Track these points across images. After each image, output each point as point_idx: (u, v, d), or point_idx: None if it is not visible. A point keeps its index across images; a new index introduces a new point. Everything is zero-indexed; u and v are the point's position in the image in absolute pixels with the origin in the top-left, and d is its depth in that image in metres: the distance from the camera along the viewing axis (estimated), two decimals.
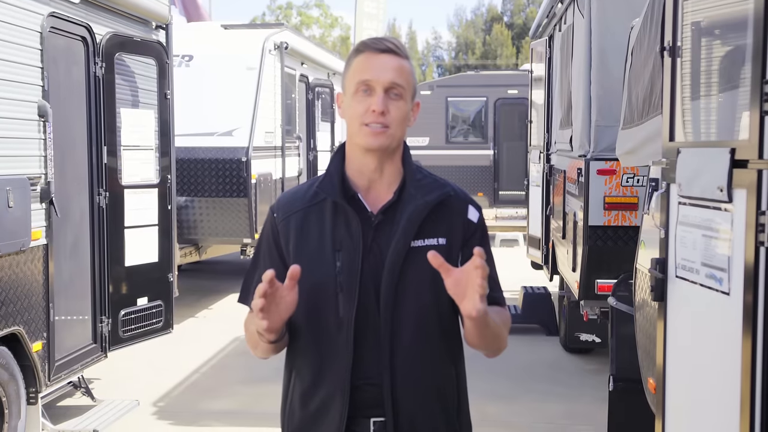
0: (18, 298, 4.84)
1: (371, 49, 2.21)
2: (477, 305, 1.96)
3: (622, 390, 4.72)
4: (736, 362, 2.47)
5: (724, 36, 3.12)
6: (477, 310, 1.97)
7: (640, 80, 4.47)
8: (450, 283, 2.03)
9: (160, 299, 6.51)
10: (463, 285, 2.00)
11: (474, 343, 2.20)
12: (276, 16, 49.89)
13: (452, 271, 2.02)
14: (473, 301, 1.97)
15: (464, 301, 2.01)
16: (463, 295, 2.01)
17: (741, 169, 2.49)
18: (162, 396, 6.95)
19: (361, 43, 2.25)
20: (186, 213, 9.97)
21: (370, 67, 2.18)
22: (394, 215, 2.20)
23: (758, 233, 2.36)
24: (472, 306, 1.97)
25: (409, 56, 2.26)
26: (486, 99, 18.70)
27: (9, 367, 4.86)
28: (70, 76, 5.64)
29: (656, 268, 3.21)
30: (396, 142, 2.22)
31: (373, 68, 2.18)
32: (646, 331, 3.93)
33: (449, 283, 2.03)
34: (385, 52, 2.20)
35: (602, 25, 6.54)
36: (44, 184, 5.11)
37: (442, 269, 2.02)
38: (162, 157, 6.57)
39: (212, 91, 10.12)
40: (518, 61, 46.00)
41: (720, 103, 3.07)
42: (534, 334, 9.06)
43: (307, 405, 2.23)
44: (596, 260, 6.35)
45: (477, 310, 1.97)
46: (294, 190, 2.34)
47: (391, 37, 2.30)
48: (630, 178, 6.25)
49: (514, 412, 6.58)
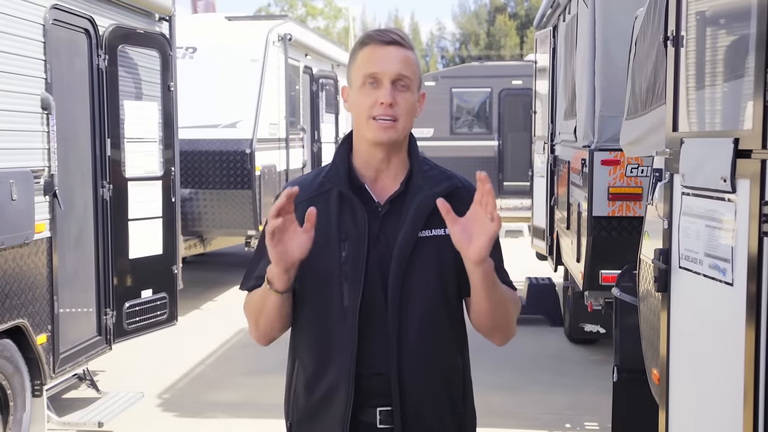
0: (22, 290, 4.84)
1: (376, 42, 2.20)
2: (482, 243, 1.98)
3: (627, 381, 4.72)
4: (739, 353, 2.46)
5: (728, 25, 3.11)
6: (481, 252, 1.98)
7: (644, 70, 4.45)
8: (456, 231, 2.02)
9: (165, 291, 6.51)
10: (470, 230, 2.01)
11: (482, 315, 2.18)
12: (281, 7, 49.83)
13: (458, 220, 2.02)
14: (479, 245, 1.99)
15: (470, 247, 2.01)
16: (469, 242, 2.01)
17: (744, 159, 2.48)
18: (167, 388, 6.96)
19: (365, 35, 2.25)
20: (190, 205, 9.97)
21: (376, 59, 2.18)
22: (402, 206, 2.21)
23: (762, 223, 2.35)
24: (478, 249, 1.99)
25: (413, 47, 2.26)
26: (490, 90, 18.68)
27: (14, 360, 4.87)
28: (73, 68, 5.63)
29: (660, 258, 3.20)
30: (404, 134, 2.22)
31: (379, 60, 2.18)
32: (649, 321, 3.93)
33: (455, 231, 2.02)
34: (390, 44, 2.19)
35: (606, 15, 6.52)
36: (48, 177, 5.11)
37: (448, 218, 2.01)
38: (165, 149, 6.57)
39: (216, 83, 10.11)
40: (522, 51, 45.88)
41: (723, 93, 3.06)
42: (538, 325, 9.06)
43: (312, 393, 2.24)
44: (600, 251, 6.34)
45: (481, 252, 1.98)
46: (300, 180, 2.34)
47: (396, 29, 2.30)
48: (634, 168, 6.23)
49: (518, 403, 6.58)
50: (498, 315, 2.20)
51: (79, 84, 5.69)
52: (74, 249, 5.64)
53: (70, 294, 5.54)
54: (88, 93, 5.75)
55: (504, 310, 2.21)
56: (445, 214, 2.01)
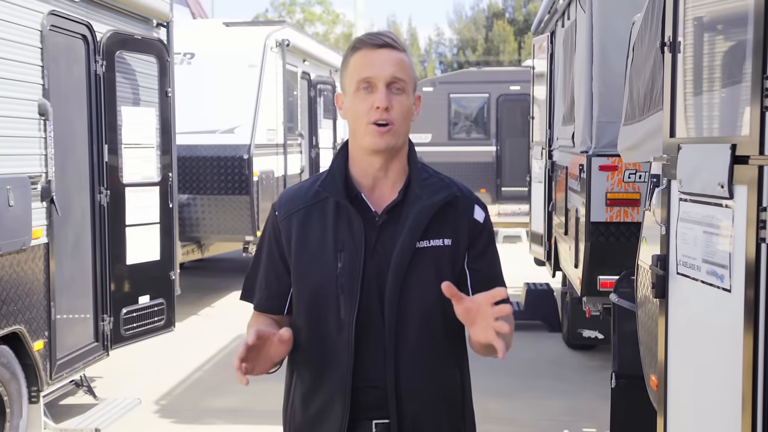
0: (19, 297, 4.83)
1: (368, 45, 2.17)
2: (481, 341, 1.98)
3: (625, 387, 4.71)
4: (737, 359, 2.46)
5: (725, 31, 3.11)
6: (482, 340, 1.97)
7: (641, 76, 4.45)
8: (460, 310, 2.00)
9: (162, 297, 6.51)
10: (473, 315, 1.98)
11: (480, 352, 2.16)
12: (279, 12, 49.88)
13: (464, 300, 1.99)
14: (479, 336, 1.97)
15: (472, 329, 1.99)
16: (472, 324, 1.99)
17: (742, 165, 2.48)
18: (164, 394, 6.95)
19: (356, 39, 2.21)
20: (188, 211, 9.96)
21: (369, 63, 2.14)
22: (399, 215, 2.17)
23: (759, 230, 2.35)
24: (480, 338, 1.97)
25: (406, 49, 2.22)
26: (488, 95, 18.67)
27: (10, 366, 4.86)
28: (71, 74, 5.63)
29: (657, 264, 3.20)
30: (401, 139, 2.18)
31: (372, 64, 2.14)
32: (647, 327, 3.92)
33: (459, 311, 2.00)
34: (382, 47, 2.16)
35: (604, 21, 6.53)
36: (45, 183, 5.10)
37: (454, 299, 1.98)
38: (163, 155, 6.56)
39: (214, 89, 10.11)
40: (521, 57, 45.92)
41: (721, 99, 3.06)
42: (536, 331, 9.05)
43: (308, 407, 2.22)
44: (598, 256, 6.34)
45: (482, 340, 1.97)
46: (296, 188, 2.31)
47: (387, 31, 2.27)
48: (632, 174, 6.23)
49: (516, 409, 6.57)
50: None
51: (76, 90, 5.68)
52: (71, 255, 5.63)
53: (68, 300, 5.53)
54: (85, 99, 5.74)
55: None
56: (450, 296, 1.98)
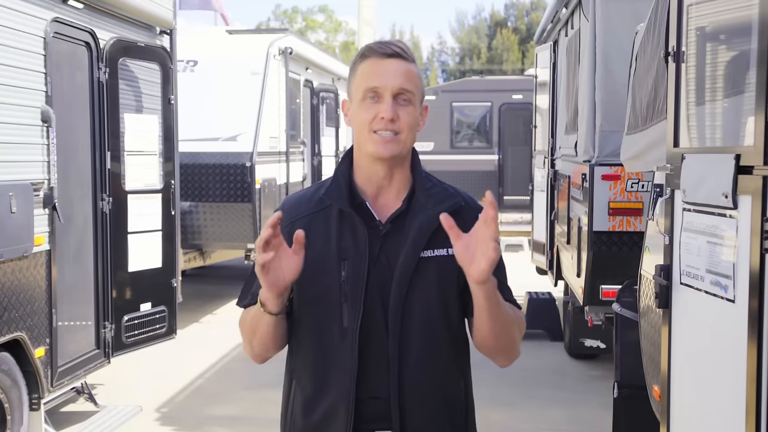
0: (21, 303, 4.83)
1: (377, 54, 2.14)
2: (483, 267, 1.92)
3: (627, 396, 4.70)
4: (741, 369, 2.45)
5: (729, 41, 3.11)
6: (483, 274, 1.92)
7: (645, 85, 4.45)
8: (460, 247, 1.96)
9: (164, 305, 6.50)
10: (473, 249, 1.95)
11: (485, 336, 2.12)
12: (281, 21, 50.00)
13: (462, 236, 1.96)
14: (480, 267, 1.93)
15: (472, 265, 1.95)
16: (472, 260, 1.95)
17: (746, 176, 2.48)
18: (165, 402, 6.93)
19: (366, 47, 2.19)
20: (190, 218, 9.97)
21: (377, 72, 2.12)
22: (403, 224, 2.15)
23: (763, 240, 2.34)
24: (480, 270, 1.93)
25: (415, 59, 2.20)
26: (491, 104, 18.72)
27: (11, 373, 4.85)
28: (74, 81, 5.64)
29: (661, 274, 3.19)
30: (407, 149, 2.17)
31: (380, 74, 2.11)
32: (650, 337, 3.91)
33: (458, 248, 1.96)
34: (391, 56, 2.13)
35: (607, 30, 6.53)
36: (47, 190, 5.10)
37: (452, 233, 1.95)
38: (166, 162, 6.56)
39: (216, 96, 10.12)
40: (524, 66, 45.98)
41: (725, 109, 3.05)
42: (538, 340, 9.03)
43: (309, 415, 2.19)
44: (601, 266, 6.33)
45: (483, 274, 1.92)
46: (299, 195, 2.29)
47: (397, 41, 2.23)
48: (635, 183, 6.23)
49: (518, 419, 6.55)
50: (501, 336, 2.13)
51: (79, 97, 5.69)
52: (73, 262, 5.63)
53: (69, 307, 5.52)
54: (88, 106, 5.75)
55: (508, 330, 2.13)
56: (448, 229, 1.95)
